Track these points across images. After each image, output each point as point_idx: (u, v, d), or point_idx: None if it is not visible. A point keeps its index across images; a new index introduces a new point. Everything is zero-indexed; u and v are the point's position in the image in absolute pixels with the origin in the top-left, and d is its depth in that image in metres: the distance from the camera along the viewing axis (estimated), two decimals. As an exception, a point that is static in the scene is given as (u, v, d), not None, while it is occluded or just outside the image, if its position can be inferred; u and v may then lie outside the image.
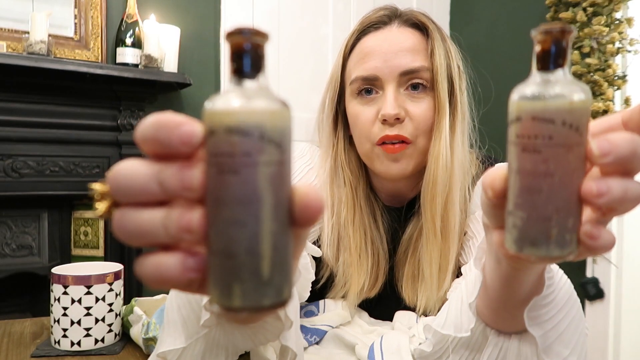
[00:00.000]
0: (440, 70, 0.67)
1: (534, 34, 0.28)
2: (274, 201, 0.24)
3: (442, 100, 0.67)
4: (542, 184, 0.27)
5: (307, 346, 0.62)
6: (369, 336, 0.64)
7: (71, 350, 0.63)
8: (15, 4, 1.71)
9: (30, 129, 1.71)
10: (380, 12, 0.72)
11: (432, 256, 0.68)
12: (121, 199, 0.25)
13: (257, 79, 0.25)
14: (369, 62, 0.69)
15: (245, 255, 0.23)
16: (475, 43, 2.55)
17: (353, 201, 0.73)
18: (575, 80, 0.28)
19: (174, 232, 0.24)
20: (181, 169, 0.24)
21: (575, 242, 0.28)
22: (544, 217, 0.28)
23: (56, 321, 0.63)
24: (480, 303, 0.48)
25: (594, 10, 1.95)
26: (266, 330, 0.48)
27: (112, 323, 0.65)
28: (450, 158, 0.67)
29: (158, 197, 0.25)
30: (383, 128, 0.67)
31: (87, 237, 1.89)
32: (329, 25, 2.34)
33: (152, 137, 0.24)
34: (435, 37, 0.69)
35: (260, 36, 0.24)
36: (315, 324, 0.65)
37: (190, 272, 0.24)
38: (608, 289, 1.99)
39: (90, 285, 0.63)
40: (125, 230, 0.25)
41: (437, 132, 0.67)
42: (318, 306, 0.72)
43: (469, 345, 0.50)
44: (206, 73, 2.09)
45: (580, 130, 0.27)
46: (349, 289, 0.72)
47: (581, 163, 0.27)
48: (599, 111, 1.92)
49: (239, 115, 0.23)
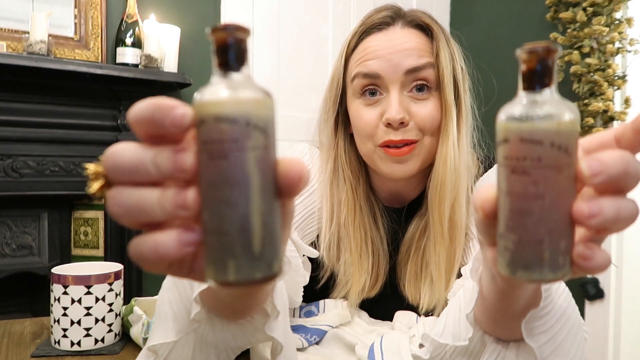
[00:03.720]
0: (446, 71, 0.67)
1: (519, 53, 0.28)
2: (261, 182, 0.25)
3: (449, 102, 0.67)
4: (533, 207, 0.27)
5: (307, 346, 0.62)
6: (369, 336, 0.64)
7: (71, 350, 0.63)
8: (15, 4, 1.71)
9: (30, 129, 1.71)
10: (383, 13, 0.71)
11: (440, 257, 0.68)
12: (117, 178, 0.27)
13: (241, 71, 0.27)
14: (372, 61, 0.68)
15: (238, 233, 0.25)
16: (475, 43, 2.55)
17: (353, 201, 0.73)
18: (562, 100, 0.27)
19: (170, 208, 0.26)
20: (174, 153, 0.26)
21: (568, 264, 0.28)
22: (535, 240, 0.27)
23: (56, 321, 0.63)
24: (478, 312, 0.48)
25: (594, 10, 1.95)
26: (255, 329, 0.48)
27: (112, 323, 0.65)
28: (458, 159, 0.67)
29: (153, 178, 0.26)
30: (387, 132, 0.67)
31: (87, 237, 1.89)
32: (329, 25, 2.34)
33: (148, 118, 0.26)
34: (440, 38, 0.68)
35: (243, 31, 0.26)
36: (315, 324, 0.65)
37: (185, 246, 0.26)
38: (608, 289, 1.99)
39: (90, 285, 0.63)
40: (121, 207, 0.27)
41: (445, 134, 0.67)
42: (318, 306, 0.72)
43: (466, 352, 0.50)
44: (206, 73, 2.09)
45: (569, 151, 0.27)
46: (350, 289, 0.71)
47: (571, 184, 0.27)
48: (599, 111, 1.92)
49: (227, 105, 0.25)
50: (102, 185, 0.28)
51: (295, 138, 2.24)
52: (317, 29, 2.31)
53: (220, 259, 0.26)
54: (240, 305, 0.45)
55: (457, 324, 0.50)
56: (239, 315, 0.48)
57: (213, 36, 0.26)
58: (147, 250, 0.26)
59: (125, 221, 0.27)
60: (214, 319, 0.47)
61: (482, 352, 0.49)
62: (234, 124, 0.25)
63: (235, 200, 0.25)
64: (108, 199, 0.27)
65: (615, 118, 1.93)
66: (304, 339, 0.61)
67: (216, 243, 0.26)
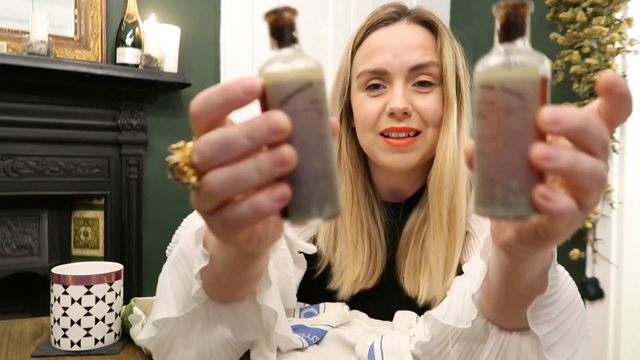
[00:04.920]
0: (448, 68, 0.69)
1: (494, 9, 0.31)
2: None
3: (451, 96, 0.69)
4: (487, 147, 0.30)
5: (307, 346, 0.62)
6: (369, 336, 0.64)
7: (71, 350, 0.63)
8: (15, 4, 1.72)
9: (30, 129, 1.71)
10: (389, 9, 0.73)
11: (438, 248, 0.69)
12: (213, 162, 0.30)
13: (293, 46, 0.31)
14: (378, 57, 0.70)
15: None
16: (476, 42, 2.55)
17: (352, 193, 0.74)
18: (532, 51, 0.30)
19: (268, 169, 0.29)
20: (266, 117, 0.29)
21: (524, 204, 0.29)
22: (489, 178, 0.30)
23: (56, 321, 0.63)
24: (483, 299, 0.48)
25: (594, 11, 1.95)
26: (245, 308, 0.51)
27: (112, 323, 0.65)
28: (457, 151, 0.68)
29: (247, 150, 0.30)
30: (389, 121, 0.69)
31: (87, 237, 1.89)
32: (329, 25, 2.34)
33: (219, 101, 0.30)
34: (444, 35, 0.71)
35: (291, 12, 0.31)
36: (315, 324, 0.65)
37: (279, 201, 0.30)
38: (608, 289, 1.99)
39: (90, 285, 0.63)
40: (220, 186, 0.30)
41: (445, 126, 0.69)
42: (318, 308, 0.72)
43: (470, 338, 0.50)
44: (206, 73, 2.09)
45: (522, 96, 0.28)
46: (344, 279, 0.73)
47: (527, 128, 0.29)
48: (599, 111, 1.92)
49: (311, 73, 0.30)
50: (196, 173, 0.31)
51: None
52: (317, 29, 2.31)
53: (331, 196, 0.30)
54: (237, 278, 0.46)
55: (461, 307, 0.50)
56: (234, 295, 0.50)
57: (270, 18, 0.31)
58: (246, 211, 0.30)
59: (221, 196, 0.31)
60: (208, 302, 0.49)
61: (487, 339, 0.49)
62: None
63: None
64: (204, 184, 0.30)
65: (615, 118, 1.92)
66: (304, 339, 0.61)
67: (327, 184, 0.30)
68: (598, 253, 2.01)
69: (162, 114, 1.99)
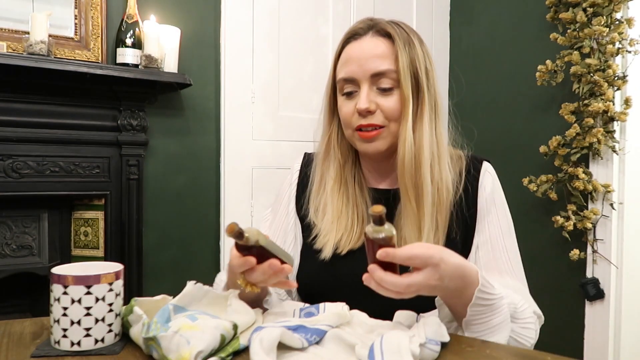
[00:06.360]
0: (402, 72, 0.84)
1: (370, 213, 0.61)
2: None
3: (406, 95, 0.84)
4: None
5: (307, 346, 0.62)
6: (369, 336, 0.65)
7: (71, 350, 0.63)
8: (15, 4, 1.72)
9: (30, 129, 1.71)
10: (359, 25, 0.89)
11: (410, 220, 0.84)
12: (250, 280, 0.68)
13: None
14: (348, 67, 0.87)
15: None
16: (475, 43, 2.55)
17: (340, 175, 0.92)
18: (389, 226, 0.63)
19: (271, 276, 0.68)
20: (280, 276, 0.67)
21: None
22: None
23: (56, 321, 0.63)
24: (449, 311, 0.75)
25: (594, 11, 1.95)
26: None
27: (112, 323, 0.65)
28: (412, 139, 0.84)
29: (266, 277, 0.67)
30: (359, 118, 0.86)
31: (87, 237, 1.89)
32: (329, 25, 2.34)
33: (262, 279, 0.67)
34: (398, 45, 0.85)
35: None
36: (315, 324, 0.65)
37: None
38: (608, 289, 1.99)
39: (90, 285, 0.63)
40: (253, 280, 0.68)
41: (404, 120, 0.85)
42: (318, 308, 0.72)
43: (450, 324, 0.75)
44: (206, 73, 2.09)
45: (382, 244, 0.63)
46: (327, 240, 0.88)
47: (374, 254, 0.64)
48: (599, 112, 1.92)
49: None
50: (246, 282, 0.68)
51: (295, 138, 2.25)
52: (317, 29, 2.31)
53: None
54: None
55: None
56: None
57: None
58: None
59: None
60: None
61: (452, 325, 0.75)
62: None
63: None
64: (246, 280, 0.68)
65: (615, 118, 1.93)
66: (304, 339, 0.61)
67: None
68: (598, 253, 2.01)
69: (162, 114, 1.99)
